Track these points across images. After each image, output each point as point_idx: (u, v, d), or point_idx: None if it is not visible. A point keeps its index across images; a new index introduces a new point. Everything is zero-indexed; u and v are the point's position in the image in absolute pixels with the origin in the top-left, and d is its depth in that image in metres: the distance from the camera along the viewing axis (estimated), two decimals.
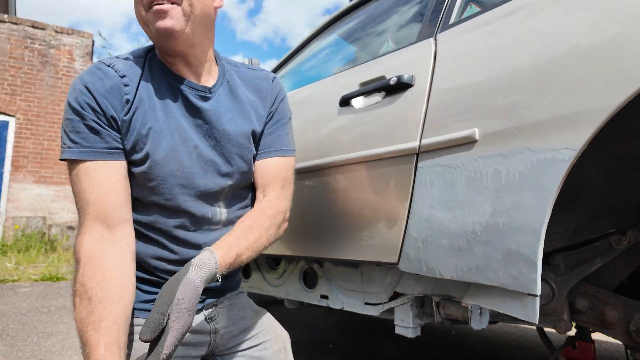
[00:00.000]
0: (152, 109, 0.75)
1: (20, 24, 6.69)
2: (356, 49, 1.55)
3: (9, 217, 6.39)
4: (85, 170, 0.71)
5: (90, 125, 0.71)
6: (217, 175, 0.81)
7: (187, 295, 0.60)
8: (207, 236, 0.81)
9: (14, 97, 6.55)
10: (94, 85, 0.72)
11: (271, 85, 0.91)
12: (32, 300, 3.03)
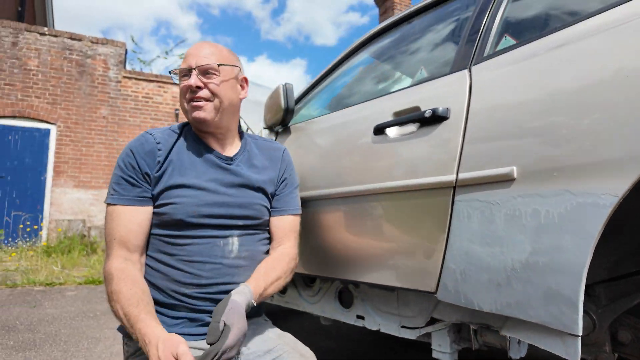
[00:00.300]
0: (181, 168, 0.99)
1: (59, 36, 7.02)
2: (388, 72, 1.57)
3: (52, 220, 6.76)
4: (119, 213, 0.94)
5: (128, 179, 0.95)
6: (231, 217, 1.00)
7: (235, 307, 0.82)
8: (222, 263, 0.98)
9: (54, 106, 6.90)
10: (137, 149, 0.97)
11: (282, 155, 1.17)
12: (79, 304, 3.22)
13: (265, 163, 1.11)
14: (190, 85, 0.97)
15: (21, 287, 3.80)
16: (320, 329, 2.56)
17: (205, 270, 0.95)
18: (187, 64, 0.99)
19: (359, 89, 1.61)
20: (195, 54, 0.99)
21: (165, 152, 0.99)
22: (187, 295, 0.94)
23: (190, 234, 0.96)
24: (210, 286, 0.95)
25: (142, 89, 7.56)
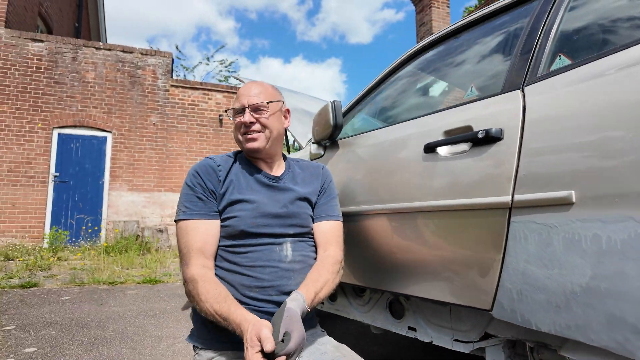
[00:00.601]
0: (238, 186, 1.13)
1: (112, 50, 7.51)
2: (436, 88, 1.58)
3: (110, 221, 7.26)
4: (194, 226, 1.07)
5: (199, 197, 1.09)
6: (283, 226, 1.11)
7: (291, 314, 0.89)
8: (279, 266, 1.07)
9: (110, 115, 7.40)
10: (202, 171, 1.12)
11: (322, 171, 1.29)
12: (139, 302, 3.47)
13: (307, 179, 1.25)
14: (244, 122, 1.13)
15: (88, 286, 4.14)
16: (367, 333, 2.60)
17: (265, 273, 1.06)
18: (240, 104, 1.15)
19: (407, 105, 1.63)
20: (246, 94, 1.15)
21: (225, 172, 1.14)
22: (252, 298, 1.03)
23: (250, 243, 1.08)
24: (271, 288, 1.05)
25: (188, 96, 7.93)
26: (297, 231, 1.13)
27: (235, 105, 1.16)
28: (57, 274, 4.67)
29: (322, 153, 1.75)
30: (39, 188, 6.96)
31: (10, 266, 5.04)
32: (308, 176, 1.25)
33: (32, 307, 3.23)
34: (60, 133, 7.16)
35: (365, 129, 1.64)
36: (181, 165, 7.82)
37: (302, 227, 1.15)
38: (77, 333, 2.57)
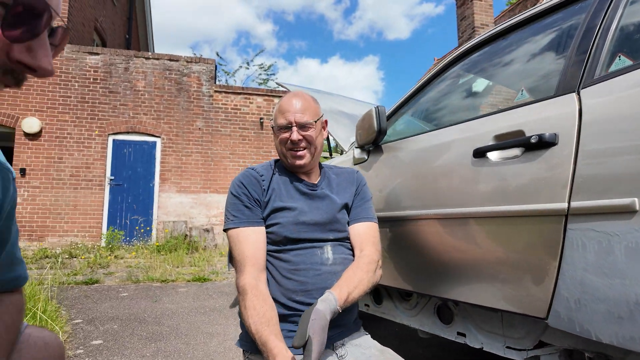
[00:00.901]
0: (280, 194, 1.18)
1: (160, 59, 7.92)
2: (484, 90, 1.55)
3: (160, 221, 7.67)
4: (245, 235, 1.12)
5: (246, 205, 1.14)
6: (323, 231, 1.15)
7: (318, 317, 0.89)
8: (321, 270, 1.11)
9: (159, 121, 7.80)
10: (246, 181, 1.17)
11: (355, 176, 1.31)
12: (190, 300, 3.65)
13: (342, 184, 1.28)
14: (292, 140, 1.16)
15: (143, 283, 4.41)
16: (411, 336, 2.59)
17: (309, 276, 1.09)
18: (286, 120, 1.17)
19: (454, 108, 1.61)
20: (292, 111, 1.17)
21: (267, 181, 1.19)
22: (298, 302, 1.07)
23: (293, 247, 1.13)
24: (315, 291, 1.08)
25: (231, 101, 8.20)
26: (336, 236, 1.17)
27: (280, 120, 1.18)
28: (115, 272, 5.01)
29: (366, 157, 1.77)
30: (97, 191, 7.48)
31: (74, 263, 5.46)
32: (343, 181, 1.28)
33: (95, 302, 3.50)
34: (115, 139, 7.66)
35: (410, 132, 1.64)
36: (225, 168, 8.11)
37: (340, 232, 1.18)
38: (137, 328, 2.75)
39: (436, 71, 1.64)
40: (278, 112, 1.20)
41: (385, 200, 1.58)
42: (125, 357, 2.20)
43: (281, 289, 1.09)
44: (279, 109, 1.20)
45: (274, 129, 1.23)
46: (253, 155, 8.26)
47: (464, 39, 8.98)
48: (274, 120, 1.22)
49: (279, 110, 1.20)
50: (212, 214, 7.97)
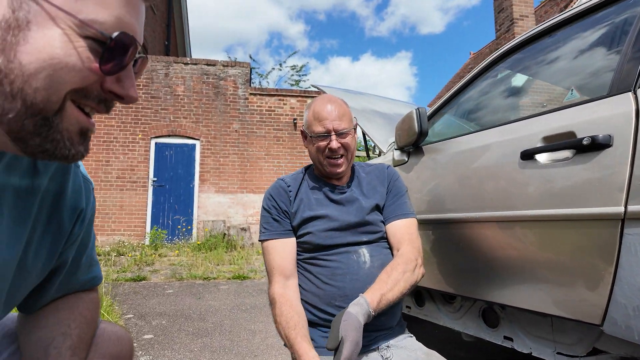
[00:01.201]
0: (309, 203, 1.19)
1: (198, 64, 8.20)
2: (530, 90, 1.51)
3: (200, 221, 7.94)
4: (273, 246, 1.15)
5: (274, 218, 1.17)
6: (356, 234, 1.15)
7: (350, 319, 0.89)
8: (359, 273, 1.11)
9: (197, 124, 8.09)
10: (275, 193, 1.20)
11: (386, 171, 1.29)
12: (232, 297, 3.77)
13: (373, 182, 1.26)
14: (332, 148, 1.15)
15: (186, 280, 4.60)
16: (452, 338, 2.56)
17: (347, 282, 1.09)
18: (324, 128, 1.15)
19: (498, 108, 1.58)
20: (330, 118, 1.15)
21: (294, 192, 1.21)
22: (338, 307, 1.07)
23: (328, 254, 1.13)
24: (354, 296, 1.05)
25: (265, 103, 8.36)
26: (370, 238, 1.16)
27: (317, 128, 1.16)
28: (160, 269, 5.25)
29: (406, 159, 1.77)
30: (141, 192, 7.86)
31: (122, 261, 5.78)
32: (374, 179, 1.26)
33: (144, 298, 3.69)
34: (157, 142, 8.01)
35: (451, 133, 1.63)
36: (260, 168, 8.28)
37: (374, 234, 1.17)
38: (183, 324, 2.89)
39: (479, 70, 1.61)
40: (313, 119, 1.17)
41: (428, 202, 1.57)
42: (175, 352, 2.32)
43: (321, 295, 1.10)
44: (315, 116, 1.17)
45: (306, 134, 1.21)
46: (287, 156, 8.38)
47: (501, 31, 8.67)
48: (308, 126, 1.19)
49: (314, 117, 1.17)
50: (248, 214, 8.17)
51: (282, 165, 8.33)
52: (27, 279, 0.58)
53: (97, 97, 0.47)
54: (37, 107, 0.42)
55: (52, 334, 0.62)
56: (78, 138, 0.47)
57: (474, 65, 12.75)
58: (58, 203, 0.60)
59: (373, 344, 1.08)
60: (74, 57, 0.42)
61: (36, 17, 0.40)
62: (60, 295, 0.69)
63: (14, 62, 0.40)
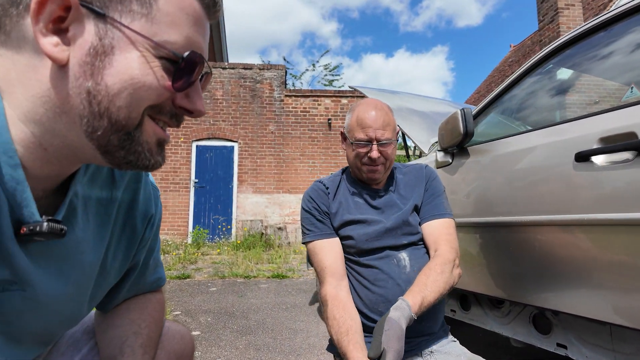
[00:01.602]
0: (347, 207, 1.19)
1: (235, 68, 8.42)
2: (584, 88, 1.45)
3: (239, 220, 8.16)
4: (320, 246, 1.15)
5: (318, 219, 1.18)
6: (396, 237, 1.14)
7: (392, 328, 0.87)
8: (400, 278, 1.10)
9: (235, 127, 8.31)
10: (314, 195, 1.21)
11: (424, 171, 1.26)
12: (272, 296, 3.86)
13: (410, 183, 1.24)
14: (372, 157, 1.12)
15: (228, 278, 4.75)
16: (497, 343, 2.49)
17: (388, 287, 1.08)
18: (366, 136, 1.12)
19: (549, 107, 1.53)
20: (374, 127, 1.12)
21: (333, 194, 1.21)
22: (382, 313, 1.06)
23: (368, 258, 1.13)
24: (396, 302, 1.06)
25: (300, 104, 8.46)
26: (410, 240, 1.15)
27: (359, 134, 1.13)
28: (203, 267, 5.45)
29: (450, 161, 1.75)
30: (183, 192, 8.18)
31: (167, 259, 6.05)
32: (411, 180, 1.24)
33: (189, 295, 3.86)
34: (198, 145, 8.31)
35: (499, 133, 1.59)
36: (296, 169, 8.39)
37: (413, 235, 1.16)
38: (228, 321, 2.99)
39: (528, 66, 1.56)
40: (356, 124, 1.14)
41: (474, 205, 1.55)
42: (221, 349, 2.41)
43: (364, 301, 1.10)
44: (358, 122, 1.14)
45: (347, 138, 1.19)
46: (322, 156, 8.43)
47: (545, 22, 8.27)
48: (350, 131, 1.17)
49: (357, 122, 1.14)
50: (285, 213, 8.30)
51: (317, 166, 8.39)
52: (107, 279, 0.64)
53: (170, 112, 0.50)
54: (120, 123, 0.45)
55: (126, 333, 0.68)
56: (156, 149, 0.50)
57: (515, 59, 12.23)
58: (132, 210, 0.66)
59: (416, 349, 1.08)
60: (150, 77, 0.45)
61: (119, 42, 0.43)
62: (131, 296, 0.75)
63: (101, 84, 0.43)
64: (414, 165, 1.30)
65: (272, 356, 2.30)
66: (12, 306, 0.49)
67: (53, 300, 0.53)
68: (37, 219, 0.46)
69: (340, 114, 8.48)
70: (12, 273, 0.47)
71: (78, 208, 0.55)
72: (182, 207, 8.16)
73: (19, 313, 0.50)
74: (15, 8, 0.43)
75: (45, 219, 0.47)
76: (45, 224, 0.46)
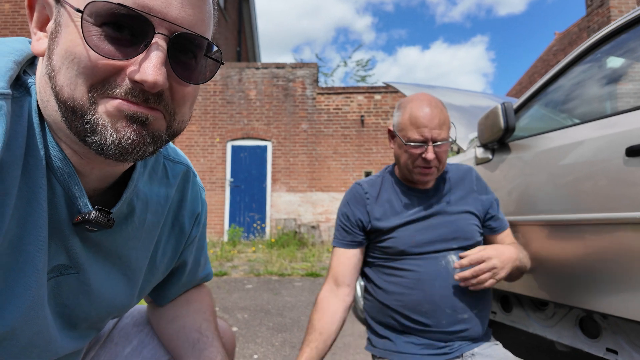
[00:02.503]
0: (392, 209, 1.15)
1: (268, 68, 8.54)
2: (635, 77, 1.36)
3: (272, 219, 8.29)
4: (339, 253, 1.17)
5: (344, 227, 1.18)
6: (445, 241, 1.10)
7: None
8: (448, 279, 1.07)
9: (269, 126, 8.43)
10: (351, 201, 1.19)
11: (474, 176, 1.22)
12: (306, 294, 3.89)
13: (460, 185, 1.19)
14: (427, 158, 1.05)
15: (263, 276, 4.84)
16: (539, 346, 2.38)
17: (435, 287, 1.05)
18: (422, 136, 1.05)
19: (598, 99, 1.44)
20: (430, 126, 1.04)
21: (373, 199, 1.18)
22: (424, 314, 1.04)
23: (414, 258, 1.09)
24: (442, 301, 1.04)
25: (333, 101, 8.46)
26: (460, 244, 1.10)
27: (413, 134, 1.06)
28: (239, 265, 5.58)
29: (490, 157, 1.69)
30: (219, 192, 8.41)
31: None
32: (460, 182, 1.19)
33: (227, 292, 3.96)
34: (233, 145, 8.51)
35: (542, 127, 1.51)
36: (328, 167, 8.39)
37: (465, 240, 1.11)
38: (263, 318, 3.05)
39: (576, 55, 1.44)
40: (409, 124, 1.07)
41: (515, 203, 1.49)
42: (258, 345, 2.46)
43: (406, 300, 1.07)
44: (412, 120, 1.07)
45: (395, 135, 1.13)
46: (355, 153, 8.39)
47: (593, 6, 7.79)
48: (401, 129, 1.10)
49: (410, 121, 1.07)
50: (317, 212, 8.33)
51: (350, 164, 8.36)
52: (155, 275, 0.67)
53: (126, 89, 0.41)
54: (67, 104, 0.41)
55: (197, 320, 0.72)
56: (126, 123, 0.42)
57: (560, 47, 11.60)
58: (181, 209, 0.69)
59: (457, 352, 1.05)
60: (79, 47, 0.40)
61: (63, 19, 0.41)
62: (185, 290, 0.78)
63: (52, 64, 0.42)
64: (459, 166, 1.24)
65: None
66: (69, 289, 0.53)
67: (102, 287, 0.57)
68: (89, 209, 0.49)
69: (373, 111, 8.40)
70: (68, 258, 0.51)
71: (137, 208, 0.58)
72: (218, 206, 8.39)
73: (75, 296, 0.54)
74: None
75: (96, 208, 0.49)
76: (93, 213, 0.48)
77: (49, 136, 0.46)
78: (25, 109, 0.43)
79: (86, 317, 0.57)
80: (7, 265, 0.43)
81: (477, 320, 1.06)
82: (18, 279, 0.44)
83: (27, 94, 0.44)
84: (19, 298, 0.44)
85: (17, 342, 0.46)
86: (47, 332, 0.49)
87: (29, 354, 0.48)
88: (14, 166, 0.41)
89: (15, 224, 0.43)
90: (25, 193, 0.43)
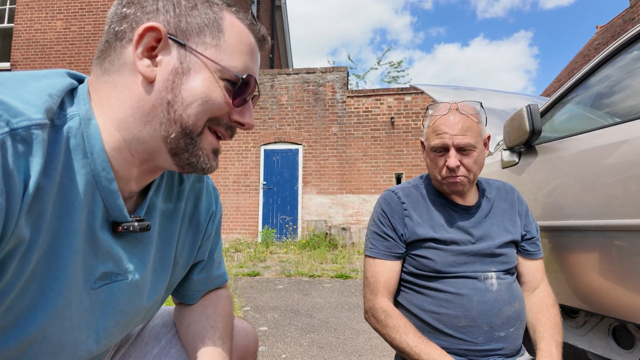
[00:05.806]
0: (430, 222, 1.08)
1: (299, 73, 8.67)
2: None
3: (304, 220, 8.38)
4: (381, 264, 1.09)
5: (383, 237, 1.10)
6: (484, 263, 1.04)
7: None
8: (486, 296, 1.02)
9: (300, 130, 8.55)
10: (387, 209, 1.11)
11: (516, 197, 1.16)
12: (335, 295, 3.92)
13: (503, 206, 1.13)
14: (449, 166, 1.01)
15: (294, 277, 4.92)
16: (579, 354, 2.28)
17: (473, 304, 1.00)
18: (441, 142, 1.02)
19: (631, 100, 1.39)
20: (450, 132, 1.01)
21: (410, 208, 1.10)
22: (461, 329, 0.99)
23: (451, 278, 1.04)
24: (481, 318, 0.99)
25: (362, 104, 8.46)
26: (500, 268, 1.05)
27: (434, 141, 1.03)
28: (271, 266, 5.70)
29: (517, 160, 1.66)
30: (253, 194, 8.61)
31: (239, 257, 6.42)
32: (503, 202, 1.14)
33: (258, 292, 4.07)
34: (266, 149, 8.70)
35: (570, 130, 1.47)
36: (358, 169, 8.39)
37: (505, 264, 1.06)
38: (293, 318, 3.11)
39: (613, 49, 1.37)
40: (431, 130, 1.05)
41: (543, 207, 1.46)
42: (286, 345, 2.52)
43: (443, 318, 1.02)
44: (434, 127, 1.05)
45: (424, 145, 1.10)
46: (385, 155, 8.33)
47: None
48: (427, 138, 1.08)
49: (432, 128, 1.05)
50: (348, 214, 8.35)
51: (380, 165, 8.32)
52: (177, 270, 0.74)
53: (225, 124, 0.60)
54: (188, 129, 0.56)
55: (205, 327, 0.76)
56: (212, 155, 0.61)
57: (602, 41, 10.97)
58: (197, 206, 0.75)
59: None
60: (215, 93, 0.56)
61: (194, 65, 0.55)
62: (203, 292, 0.83)
63: (178, 97, 0.54)
64: (502, 184, 1.19)
65: (334, 355, 2.35)
66: (123, 294, 0.60)
67: (146, 285, 0.64)
68: (128, 219, 0.58)
69: (403, 112, 8.32)
70: (114, 264, 0.58)
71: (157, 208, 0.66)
72: (252, 208, 8.60)
73: (129, 300, 0.61)
74: (120, 41, 0.55)
75: (134, 218, 0.59)
76: (136, 224, 0.58)
77: (101, 159, 0.53)
78: (62, 135, 0.50)
79: (137, 317, 0.64)
80: (41, 273, 0.49)
81: (514, 338, 1.03)
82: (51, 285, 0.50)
83: (65, 122, 0.51)
84: (50, 302, 0.50)
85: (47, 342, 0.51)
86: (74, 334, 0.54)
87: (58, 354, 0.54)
88: (49, 187, 0.47)
89: (50, 236, 0.49)
90: (58, 208, 0.49)
